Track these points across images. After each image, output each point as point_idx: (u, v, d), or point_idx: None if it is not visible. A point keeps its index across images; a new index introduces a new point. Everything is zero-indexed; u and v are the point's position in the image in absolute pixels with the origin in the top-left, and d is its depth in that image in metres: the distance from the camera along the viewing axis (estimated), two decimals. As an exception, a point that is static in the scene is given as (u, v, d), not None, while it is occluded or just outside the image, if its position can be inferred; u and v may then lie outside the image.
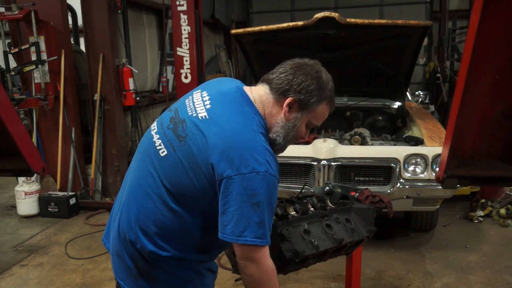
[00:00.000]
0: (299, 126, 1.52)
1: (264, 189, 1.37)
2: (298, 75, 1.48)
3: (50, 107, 5.33)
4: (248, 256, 1.40)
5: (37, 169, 1.89)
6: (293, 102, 1.47)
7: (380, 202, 2.12)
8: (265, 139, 1.44)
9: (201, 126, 1.44)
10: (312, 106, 1.49)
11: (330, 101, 1.53)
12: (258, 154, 1.38)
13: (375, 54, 4.37)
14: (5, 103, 1.68)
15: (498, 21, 1.23)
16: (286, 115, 1.49)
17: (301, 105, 1.48)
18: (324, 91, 1.49)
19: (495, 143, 1.62)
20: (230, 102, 1.48)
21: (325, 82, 1.50)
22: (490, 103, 1.49)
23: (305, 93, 1.47)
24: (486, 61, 1.33)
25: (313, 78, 1.48)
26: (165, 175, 1.48)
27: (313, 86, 1.47)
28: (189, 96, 1.58)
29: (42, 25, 5.09)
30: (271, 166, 1.41)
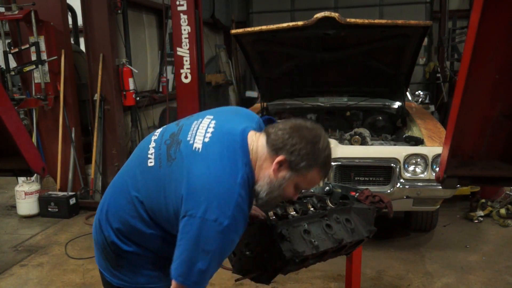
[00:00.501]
0: (286, 187, 1.47)
1: (219, 242, 1.37)
2: (294, 136, 1.43)
3: (50, 107, 5.33)
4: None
5: (37, 169, 1.89)
6: (284, 161, 1.43)
7: (380, 202, 2.12)
8: (245, 194, 1.42)
9: (191, 157, 1.46)
10: (302, 170, 1.44)
11: (322, 169, 1.47)
12: (228, 207, 1.37)
13: (375, 54, 4.37)
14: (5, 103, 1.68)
15: (498, 21, 1.23)
16: (275, 173, 1.44)
17: (291, 166, 1.43)
18: (317, 158, 1.43)
19: (495, 143, 1.62)
20: (227, 145, 1.46)
21: (320, 149, 1.44)
22: (490, 103, 1.49)
23: (296, 156, 1.41)
24: (486, 61, 1.34)
25: (308, 143, 1.42)
26: (144, 184, 1.54)
27: (306, 150, 1.42)
28: (200, 119, 1.58)
29: (42, 25, 5.09)
30: (237, 223, 1.39)
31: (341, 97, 5.13)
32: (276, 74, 4.79)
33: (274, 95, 5.13)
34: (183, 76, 5.50)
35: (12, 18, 4.98)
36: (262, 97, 5.10)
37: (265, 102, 5.08)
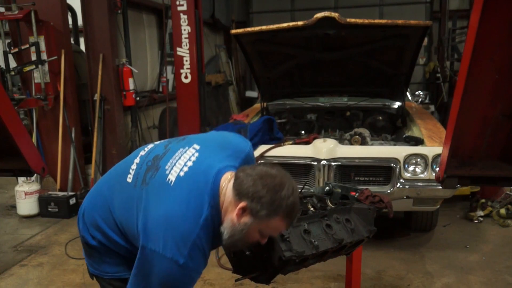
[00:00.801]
0: (248, 232, 1.47)
1: (174, 278, 1.41)
2: (258, 183, 1.41)
3: (50, 107, 5.33)
4: None
5: (37, 169, 1.89)
6: (245, 208, 1.42)
7: (380, 202, 2.12)
8: (205, 235, 1.44)
9: (162, 188, 1.50)
10: (264, 218, 1.43)
11: (285, 217, 1.45)
12: (185, 247, 1.40)
13: (375, 54, 4.37)
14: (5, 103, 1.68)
15: (498, 21, 1.23)
16: (237, 218, 1.44)
17: (252, 213, 1.42)
18: (278, 207, 1.41)
19: (495, 143, 1.62)
20: (198, 186, 1.48)
21: (283, 197, 1.41)
22: (490, 103, 1.49)
23: (257, 203, 1.41)
24: (486, 61, 1.34)
25: (269, 191, 1.40)
26: (119, 197, 1.62)
27: (267, 199, 1.40)
28: (186, 147, 1.60)
29: (42, 25, 5.09)
30: (194, 262, 1.42)
31: (341, 97, 5.13)
32: (276, 74, 4.79)
33: (274, 95, 5.13)
34: (183, 76, 5.50)
35: (12, 18, 4.98)
36: (262, 97, 5.10)
37: (265, 102, 5.08)
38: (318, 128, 4.82)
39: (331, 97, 5.17)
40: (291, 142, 4.02)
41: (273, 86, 4.98)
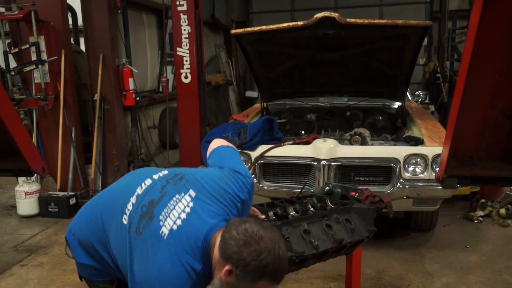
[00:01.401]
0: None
1: None
2: (242, 250, 1.40)
3: (50, 107, 5.33)
4: None
5: (37, 169, 1.89)
6: (231, 271, 1.42)
7: (380, 202, 2.12)
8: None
9: (155, 240, 1.51)
10: (249, 282, 1.43)
11: (271, 280, 1.43)
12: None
13: (375, 54, 4.37)
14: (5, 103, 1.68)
15: (498, 21, 1.23)
16: (225, 278, 1.44)
17: (238, 278, 1.42)
18: (264, 273, 1.40)
19: (495, 143, 1.62)
20: (190, 243, 1.49)
21: (268, 263, 1.40)
22: (490, 103, 1.49)
23: (241, 270, 1.40)
24: (486, 61, 1.34)
25: (254, 260, 1.39)
26: (114, 235, 1.64)
27: (251, 267, 1.39)
28: (182, 193, 1.60)
29: (42, 25, 5.09)
30: None
31: (341, 97, 5.13)
32: (276, 74, 4.79)
33: (274, 95, 5.13)
34: (183, 76, 5.51)
35: (12, 18, 4.98)
36: (262, 97, 5.10)
37: (265, 102, 5.08)
38: (318, 128, 4.82)
39: (331, 97, 5.17)
40: (291, 142, 4.02)
41: (273, 86, 4.98)
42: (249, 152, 3.89)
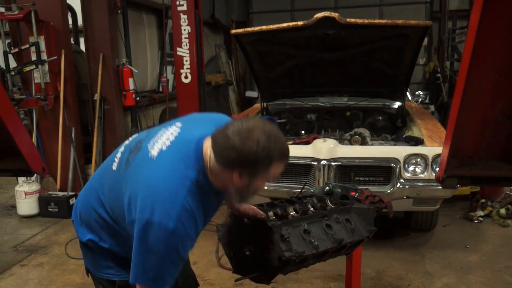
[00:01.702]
0: (257, 187, 1.48)
1: (166, 244, 1.39)
2: (242, 151, 1.37)
3: (50, 107, 5.33)
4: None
5: (37, 169, 1.89)
6: (241, 174, 1.41)
7: (380, 202, 2.12)
8: (193, 199, 1.42)
9: (144, 163, 1.49)
10: (262, 173, 1.43)
11: (280, 159, 1.43)
12: (173, 211, 1.38)
13: (375, 54, 4.37)
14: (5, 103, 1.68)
15: (498, 21, 1.23)
16: (239, 183, 1.43)
17: (250, 175, 1.42)
18: (271, 158, 1.40)
19: (495, 143, 1.62)
20: (181, 154, 1.48)
21: (270, 147, 1.39)
22: (490, 103, 1.49)
23: (250, 167, 1.40)
24: (486, 61, 1.34)
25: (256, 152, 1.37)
26: (107, 186, 1.63)
27: (258, 159, 1.38)
28: (168, 126, 1.61)
29: (42, 25, 5.09)
30: (184, 226, 1.39)
31: (341, 97, 5.13)
32: (276, 74, 4.79)
33: (274, 95, 5.13)
34: (183, 76, 5.50)
35: (12, 18, 4.98)
36: (262, 97, 5.10)
37: (265, 102, 5.08)
38: (318, 128, 4.82)
39: (331, 97, 5.17)
40: (291, 142, 4.02)
41: (273, 86, 4.98)
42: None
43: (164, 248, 1.39)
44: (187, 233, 1.41)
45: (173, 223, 1.37)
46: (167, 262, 1.41)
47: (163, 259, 1.40)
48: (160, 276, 1.42)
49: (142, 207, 1.40)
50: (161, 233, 1.37)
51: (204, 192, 1.47)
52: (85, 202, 1.74)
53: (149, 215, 1.38)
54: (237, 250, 1.84)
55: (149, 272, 1.42)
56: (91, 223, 1.71)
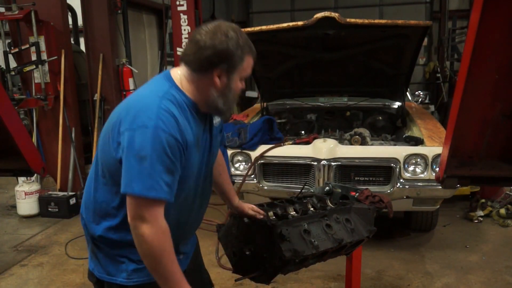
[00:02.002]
0: (235, 85, 1.58)
1: (151, 143, 1.39)
2: (214, 45, 1.47)
3: (50, 107, 5.33)
4: (139, 213, 1.39)
5: (37, 169, 1.89)
6: (219, 73, 1.51)
7: (380, 202, 2.12)
8: (169, 104, 1.47)
9: (121, 103, 1.59)
10: (239, 66, 1.54)
11: (249, 51, 1.56)
12: (151, 112, 1.42)
13: (375, 54, 4.37)
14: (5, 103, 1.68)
15: (498, 21, 1.23)
16: (218, 86, 1.53)
17: (228, 71, 1.52)
18: (241, 48, 1.51)
19: (495, 143, 1.62)
20: (151, 85, 1.58)
21: (239, 39, 1.51)
22: (490, 103, 1.49)
23: (226, 60, 1.49)
24: (486, 61, 1.34)
25: (227, 42, 1.48)
26: (100, 144, 1.60)
27: (229, 49, 1.48)
28: None
29: (42, 25, 5.09)
30: (164, 122, 1.41)
31: (341, 97, 5.13)
32: (276, 74, 4.78)
33: (274, 95, 5.13)
34: (183, 76, 5.50)
35: (12, 18, 4.98)
36: (262, 97, 5.10)
37: (265, 102, 5.08)
38: (318, 128, 4.82)
39: (331, 97, 5.17)
40: (291, 142, 4.02)
41: (273, 86, 4.98)
42: (249, 152, 3.89)
43: (151, 148, 1.39)
44: (170, 132, 1.42)
45: (153, 121, 1.40)
46: (157, 165, 1.39)
47: (152, 162, 1.39)
48: (152, 183, 1.39)
49: (125, 123, 1.44)
50: (145, 134, 1.39)
51: (179, 103, 1.51)
52: (87, 189, 1.69)
53: (131, 124, 1.42)
54: (237, 250, 1.84)
55: (142, 180, 1.39)
56: (96, 208, 1.62)
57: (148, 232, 1.39)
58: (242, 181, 3.73)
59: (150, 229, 1.39)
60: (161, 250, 1.41)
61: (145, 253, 1.42)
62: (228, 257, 1.90)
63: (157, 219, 1.40)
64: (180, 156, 1.45)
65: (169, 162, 1.41)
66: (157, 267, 1.42)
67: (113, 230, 1.59)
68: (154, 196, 1.39)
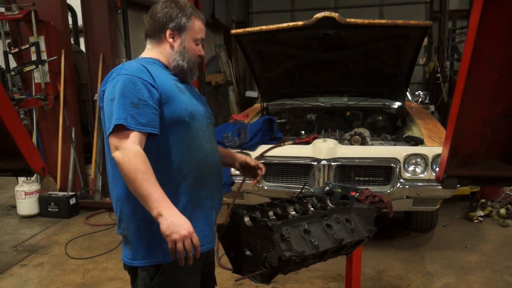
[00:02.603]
0: (188, 45, 1.79)
1: (119, 86, 1.60)
2: (159, 11, 1.76)
3: (50, 107, 5.33)
4: (114, 145, 1.56)
5: (37, 169, 1.89)
6: (171, 32, 1.77)
7: (380, 202, 2.12)
8: (141, 61, 1.73)
9: None
10: (186, 25, 1.77)
11: (195, 13, 1.80)
12: (125, 67, 1.66)
13: (375, 54, 4.37)
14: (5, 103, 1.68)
15: (498, 21, 1.23)
16: (173, 45, 1.77)
17: (179, 30, 1.77)
18: (185, 9, 1.77)
19: (495, 143, 1.62)
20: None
21: (181, 4, 1.77)
22: (490, 103, 1.49)
23: (170, 20, 1.75)
24: (486, 61, 1.33)
25: (170, 7, 1.76)
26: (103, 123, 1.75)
27: (174, 10, 1.75)
28: None
29: (42, 25, 5.09)
30: (133, 70, 1.64)
31: (341, 97, 5.13)
32: (276, 74, 4.79)
33: (274, 95, 5.13)
34: (183, 76, 5.50)
35: (12, 18, 4.98)
36: (262, 97, 5.10)
37: (265, 102, 5.08)
38: (318, 128, 4.82)
39: (331, 97, 5.17)
40: (291, 142, 4.02)
41: (273, 86, 4.98)
42: (249, 152, 3.89)
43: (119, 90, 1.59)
44: (134, 75, 1.62)
45: (125, 71, 1.64)
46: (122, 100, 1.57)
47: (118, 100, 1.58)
48: (126, 116, 1.56)
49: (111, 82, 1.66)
50: (116, 82, 1.62)
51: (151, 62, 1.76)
52: (108, 174, 1.80)
53: (108, 81, 1.68)
54: (237, 250, 1.84)
55: (116, 113, 1.56)
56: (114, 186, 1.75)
57: (121, 156, 1.53)
58: (242, 181, 3.73)
59: (122, 154, 1.53)
60: (134, 169, 1.50)
61: (124, 178, 1.54)
62: (228, 257, 1.90)
63: (128, 145, 1.54)
64: (149, 92, 1.61)
65: (133, 97, 1.58)
66: (135, 187, 1.51)
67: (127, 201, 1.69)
68: (127, 124, 1.54)
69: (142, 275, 1.71)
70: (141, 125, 1.56)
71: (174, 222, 1.46)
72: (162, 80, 1.67)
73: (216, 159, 1.86)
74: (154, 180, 1.51)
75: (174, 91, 1.69)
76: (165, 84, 1.68)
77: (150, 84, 1.62)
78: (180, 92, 1.72)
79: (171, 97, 1.67)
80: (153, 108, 1.60)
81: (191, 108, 1.73)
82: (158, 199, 1.49)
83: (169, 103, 1.66)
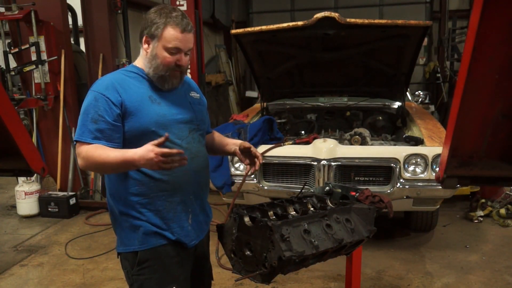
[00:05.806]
0: (158, 53, 1.80)
1: (87, 101, 1.77)
2: (145, 17, 1.83)
3: (50, 107, 5.34)
4: (77, 152, 1.77)
5: (37, 169, 1.89)
6: (145, 39, 1.82)
7: (380, 202, 2.12)
8: (117, 74, 1.86)
9: None
10: (157, 33, 1.78)
11: (174, 24, 1.77)
12: (97, 83, 1.80)
13: (375, 54, 4.37)
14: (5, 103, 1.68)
15: (498, 21, 1.23)
16: (147, 51, 1.83)
17: (150, 37, 1.80)
18: (162, 18, 1.77)
19: (495, 143, 1.61)
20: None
21: (165, 12, 1.78)
22: (490, 103, 1.48)
23: (147, 27, 1.80)
24: (486, 61, 1.33)
25: (151, 13, 1.80)
26: None
27: (154, 17, 1.78)
28: None
29: (42, 25, 5.09)
30: (101, 86, 1.77)
31: (341, 97, 5.13)
32: (276, 74, 4.79)
33: (274, 95, 5.13)
34: (183, 76, 5.50)
35: (12, 18, 4.99)
36: (262, 97, 5.10)
37: (265, 102, 5.08)
38: (318, 128, 4.82)
39: (331, 97, 5.17)
40: (291, 142, 4.02)
41: (273, 86, 4.98)
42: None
43: (84, 106, 1.77)
44: (99, 92, 1.76)
45: (93, 87, 1.80)
46: (84, 116, 1.75)
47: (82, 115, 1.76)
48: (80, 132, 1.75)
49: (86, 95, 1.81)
50: (89, 96, 1.78)
51: (130, 71, 1.88)
52: None
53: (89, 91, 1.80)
54: (237, 250, 1.84)
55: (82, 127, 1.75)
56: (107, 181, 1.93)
57: (82, 162, 1.76)
58: (242, 181, 3.73)
59: (81, 160, 1.75)
60: (94, 161, 1.71)
61: (98, 171, 1.84)
62: (228, 257, 1.90)
63: (81, 152, 1.74)
64: (110, 109, 1.74)
65: (93, 113, 1.73)
66: (106, 168, 1.75)
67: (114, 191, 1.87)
68: (79, 139, 1.74)
69: (124, 264, 1.88)
70: (97, 138, 1.72)
71: (140, 154, 1.63)
72: (131, 94, 1.78)
73: (195, 165, 1.89)
74: (109, 150, 1.70)
75: (143, 103, 1.78)
76: (134, 97, 1.78)
77: (112, 102, 1.74)
78: (154, 103, 1.80)
79: (138, 110, 1.76)
80: (111, 124, 1.74)
81: (163, 118, 1.80)
82: (123, 156, 1.67)
83: (134, 115, 1.76)
